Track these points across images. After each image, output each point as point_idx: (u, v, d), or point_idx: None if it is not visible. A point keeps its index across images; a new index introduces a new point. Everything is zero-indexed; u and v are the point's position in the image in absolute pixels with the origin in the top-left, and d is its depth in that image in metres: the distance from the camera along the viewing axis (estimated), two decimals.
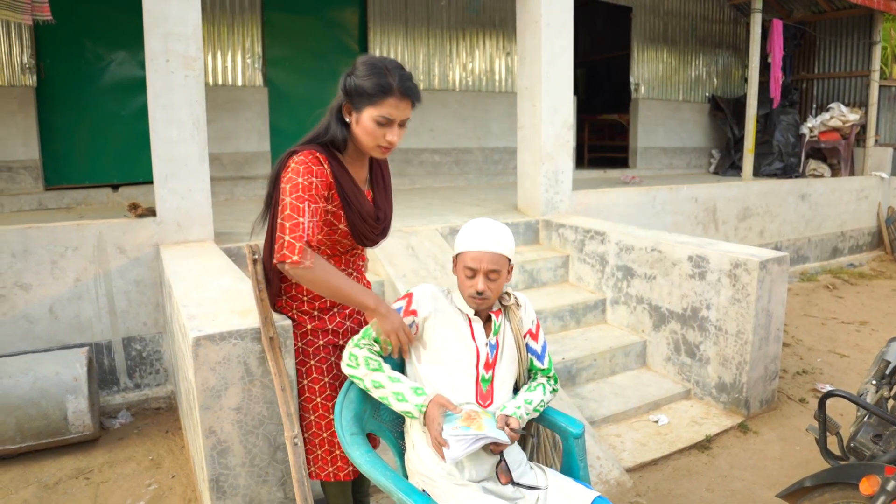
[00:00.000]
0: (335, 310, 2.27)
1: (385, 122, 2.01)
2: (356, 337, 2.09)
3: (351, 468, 2.27)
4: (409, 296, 2.11)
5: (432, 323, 2.07)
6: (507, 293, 2.16)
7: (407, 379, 2.00)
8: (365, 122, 2.02)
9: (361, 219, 2.14)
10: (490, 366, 2.06)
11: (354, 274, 2.34)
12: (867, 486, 1.98)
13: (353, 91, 2.01)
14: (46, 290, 3.71)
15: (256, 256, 2.20)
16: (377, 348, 2.06)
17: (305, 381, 2.26)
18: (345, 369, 2.04)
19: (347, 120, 2.08)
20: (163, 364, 4.07)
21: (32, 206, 5.64)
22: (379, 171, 2.30)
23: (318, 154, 2.06)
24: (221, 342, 2.14)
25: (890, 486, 1.91)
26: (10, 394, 3.25)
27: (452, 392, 2.02)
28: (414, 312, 2.07)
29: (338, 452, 2.26)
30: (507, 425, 1.94)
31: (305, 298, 2.23)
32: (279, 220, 1.97)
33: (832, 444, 2.64)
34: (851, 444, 2.62)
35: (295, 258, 1.92)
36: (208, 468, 2.19)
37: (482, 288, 2.00)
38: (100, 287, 3.83)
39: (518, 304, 2.18)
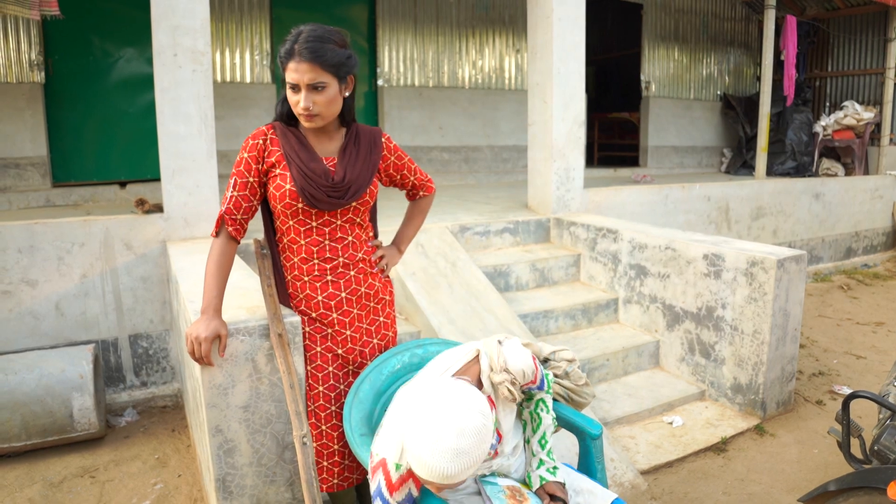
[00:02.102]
0: (334, 315, 2.18)
1: (293, 88, 1.98)
2: None
3: (336, 481, 2.21)
4: (382, 465, 1.69)
5: None
6: (498, 383, 1.83)
7: None
8: (287, 90, 2.01)
9: (303, 174, 2.04)
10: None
11: (350, 271, 2.19)
12: None
13: (279, 62, 2.02)
14: (53, 287, 3.68)
15: (265, 251, 2.15)
16: None
17: (304, 369, 2.21)
18: None
19: None
20: (169, 362, 4.02)
21: (40, 202, 5.61)
22: (355, 147, 2.17)
23: (266, 126, 2.12)
24: (229, 338, 2.09)
25: None
26: (16, 391, 3.21)
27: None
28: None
29: (325, 464, 2.19)
30: (551, 497, 1.85)
31: (301, 296, 2.18)
32: None
33: (854, 447, 2.56)
34: (875, 448, 2.54)
35: (214, 227, 2.10)
36: (215, 468, 2.13)
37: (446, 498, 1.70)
38: (106, 284, 3.79)
39: (514, 384, 1.84)
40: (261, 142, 2.07)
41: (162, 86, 3.67)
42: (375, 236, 2.37)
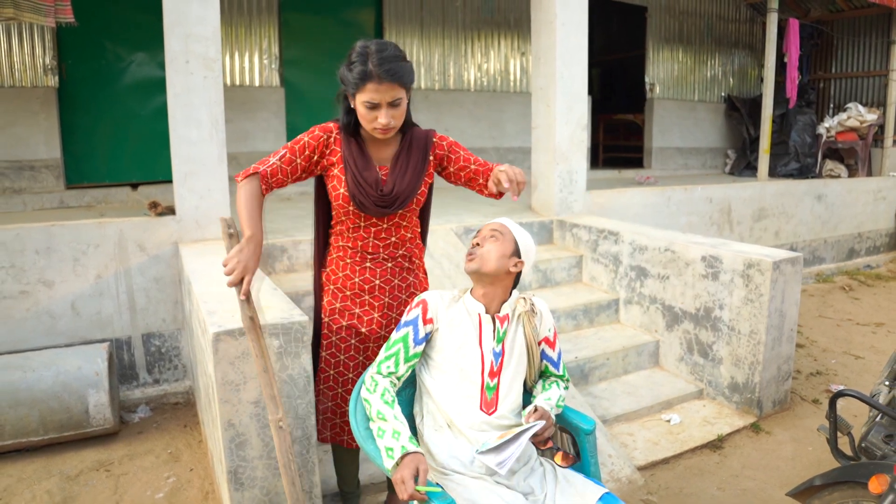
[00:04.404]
0: (366, 297, 2.36)
1: (372, 107, 2.10)
2: (380, 360, 2.08)
3: (346, 437, 2.47)
4: (422, 303, 2.11)
5: (443, 332, 2.09)
6: (523, 298, 2.14)
7: (408, 427, 1.94)
8: (358, 107, 2.14)
9: (356, 182, 2.21)
10: (495, 374, 2.07)
11: (388, 263, 2.36)
12: (876, 484, 2.00)
13: (344, 80, 2.14)
14: (69, 287, 3.80)
15: (231, 231, 2.12)
16: (402, 371, 2.07)
17: (324, 353, 2.41)
18: (362, 392, 2.06)
19: (353, 106, 2.19)
20: (181, 360, 4.14)
21: (54, 204, 5.74)
22: (407, 156, 2.31)
23: (335, 125, 2.29)
24: (240, 337, 2.19)
25: None
26: (34, 387, 3.33)
27: (459, 400, 2.05)
28: (430, 321, 2.09)
29: (338, 420, 2.45)
30: (534, 413, 2.01)
31: (340, 275, 2.36)
32: None
33: (844, 445, 2.65)
34: (863, 444, 2.63)
35: (240, 173, 2.20)
36: (227, 460, 2.24)
37: (476, 241, 2.10)
38: (120, 284, 3.90)
39: (534, 312, 2.15)
40: (325, 136, 2.25)
41: (174, 92, 3.78)
42: (423, 236, 2.54)
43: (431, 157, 2.38)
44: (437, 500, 1.74)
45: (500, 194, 2.30)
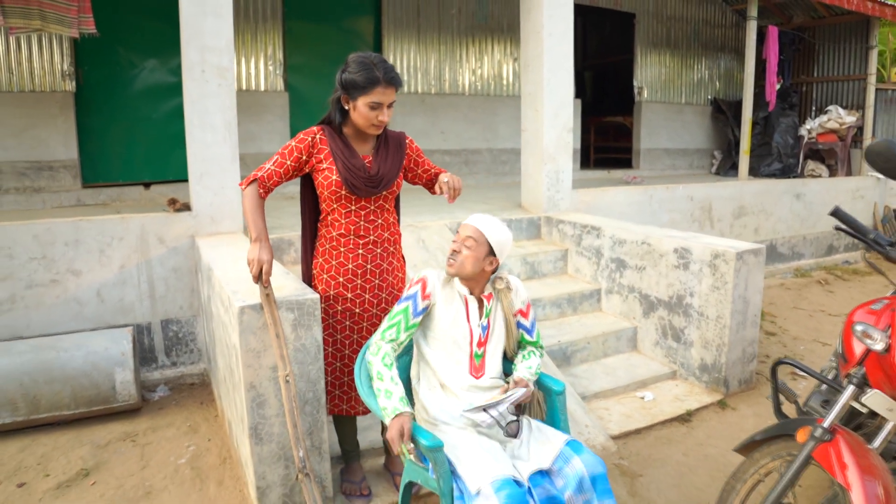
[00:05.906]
0: (359, 281, 2.74)
1: (376, 107, 2.55)
2: (384, 328, 2.43)
3: (344, 406, 2.86)
4: (422, 280, 2.46)
5: (439, 306, 2.47)
6: (500, 277, 2.52)
7: (401, 387, 2.29)
8: (360, 108, 2.56)
9: (346, 167, 2.62)
10: (482, 344, 2.48)
11: (377, 249, 2.75)
12: (802, 435, 2.35)
13: (347, 84, 2.55)
14: (95, 276, 4.15)
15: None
16: (402, 339, 2.42)
17: (323, 334, 2.76)
18: (367, 355, 2.43)
19: (346, 108, 2.62)
20: (197, 344, 4.49)
21: (71, 202, 6.09)
22: (385, 148, 2.76)
23: (317, 127, 2.70)
24: (261, 311, 2.55)
25: (818, 433, 2.27)
26: (67, 366, 3.69)
27: (451, 365, 2.44)
28: (428, 296, 2.45)
29: (337, 392, 2.84)
30: (516, 383, 2.39)
31: (334, 263, 2.72)
32: None
33: (791, 412, 3.01)
34: (804, 409, 2.99)
35: (243, 181, 2.63)
36: (248, 418, 2.60)
37: (455, 248, 2.41)
38: (142, 274, 4.26)
39: (510, 288, 2.53)
40: (309, 139, 2.66)
41: (191, 98, 4.13)
42: (398, 221, 2.95)
43: (406, 154, 2.83)
44: (428, 441, 2.11)
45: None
